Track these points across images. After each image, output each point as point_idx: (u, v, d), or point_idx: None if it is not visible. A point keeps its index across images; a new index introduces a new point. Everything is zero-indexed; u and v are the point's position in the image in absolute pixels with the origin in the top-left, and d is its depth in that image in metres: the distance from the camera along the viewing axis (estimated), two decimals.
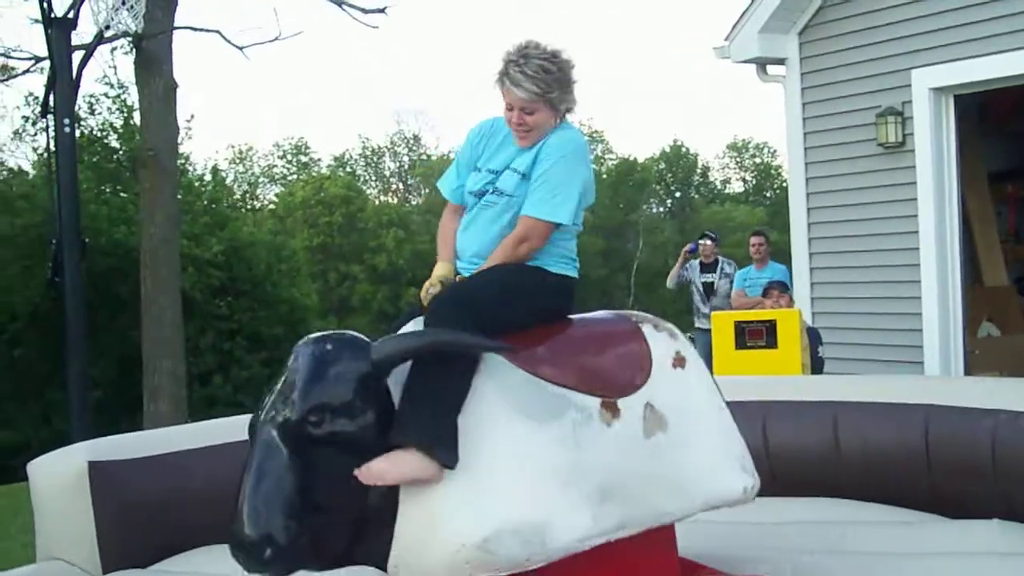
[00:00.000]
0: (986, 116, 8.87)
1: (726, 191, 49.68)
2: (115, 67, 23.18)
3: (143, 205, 11.35)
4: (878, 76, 7.30)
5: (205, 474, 4.32)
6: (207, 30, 12.15)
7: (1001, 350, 8.30)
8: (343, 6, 12.15)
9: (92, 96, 18.15)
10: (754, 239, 9.35)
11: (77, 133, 7.93)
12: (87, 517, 4.10)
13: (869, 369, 7.14)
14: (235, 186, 38.53)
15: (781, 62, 7.92)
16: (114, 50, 15.54)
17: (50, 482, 4.21)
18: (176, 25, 11.42)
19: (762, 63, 8.01)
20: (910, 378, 6.18)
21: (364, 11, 12.10)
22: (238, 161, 43.77)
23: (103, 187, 17.48)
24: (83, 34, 8.95)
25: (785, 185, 12.05)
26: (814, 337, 6.77)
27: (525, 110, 3.12)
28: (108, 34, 8.14)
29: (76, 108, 8.25)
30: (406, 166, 47.61)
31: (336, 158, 46.56)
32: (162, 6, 10.81)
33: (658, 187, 46.89)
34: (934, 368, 6.97)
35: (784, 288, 7.37)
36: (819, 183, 7.78)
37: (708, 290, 9.69)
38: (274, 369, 11.19)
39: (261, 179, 45.20)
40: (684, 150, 47.73)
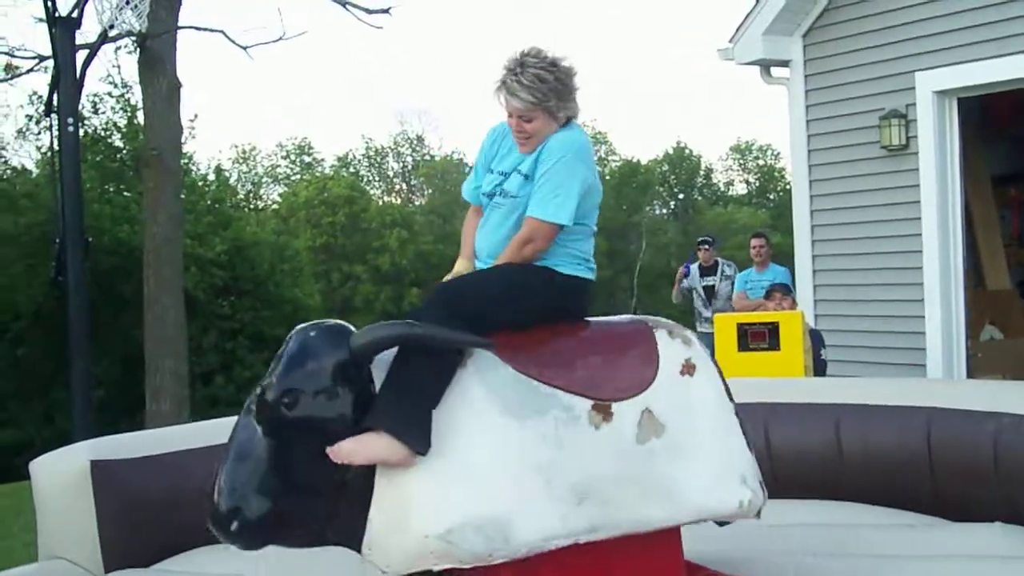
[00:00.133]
0: (990, 119, 8.84)
1: (729, 193, 49.60)
2: (119, 66, 23.06)
3: (146, 204, 11.36)
4: (882, 79, 7.29)
5: (207, 474, 4.26)
6: (211, 30, 12.20)
7: (1004, 353, 8.29)
8: (347, 6, 12.16)
9: (96, 95, 18.21)
10: (754, 241, 9.33)
11: (81, 132, 7.95)
12: (89, 516, 4.11)
13: (872, 372, 7.13)
14: (238, 186, 38.59)
15: (785, 64, 7.91)
16: (118, 49, 15.54)
17: (52, 481, 4.21)
18: (180, 25, 11.44)
19: (766, 65, 8.01)
20: (913, 381, 6.16)
21: (368, 11, 12.13)
22: (242, 161, 43.89)
23: (107, 186, 17.46)
24: (87, 33, 8.92)
25: (788, 187, 12.04)
26: (817, 339, 6.77)
27: (523, 118, 3.17)
28: (112, 33, 8.15)
29: (80, 107, 8.27)
30: (409, 166, 47.56)
31: (339, 158, 46.59)
32: (166, 6, 10.82)
33: (661, 189, 46.85)
34: (937, 371, 6.96)
35: (787, 290, 7.37)
36: (822, 185, 7.77)
37: (709, 293, 9.67)
38: None
39: (264, 179, 45.30)
40: (687, 152, 47.65)
